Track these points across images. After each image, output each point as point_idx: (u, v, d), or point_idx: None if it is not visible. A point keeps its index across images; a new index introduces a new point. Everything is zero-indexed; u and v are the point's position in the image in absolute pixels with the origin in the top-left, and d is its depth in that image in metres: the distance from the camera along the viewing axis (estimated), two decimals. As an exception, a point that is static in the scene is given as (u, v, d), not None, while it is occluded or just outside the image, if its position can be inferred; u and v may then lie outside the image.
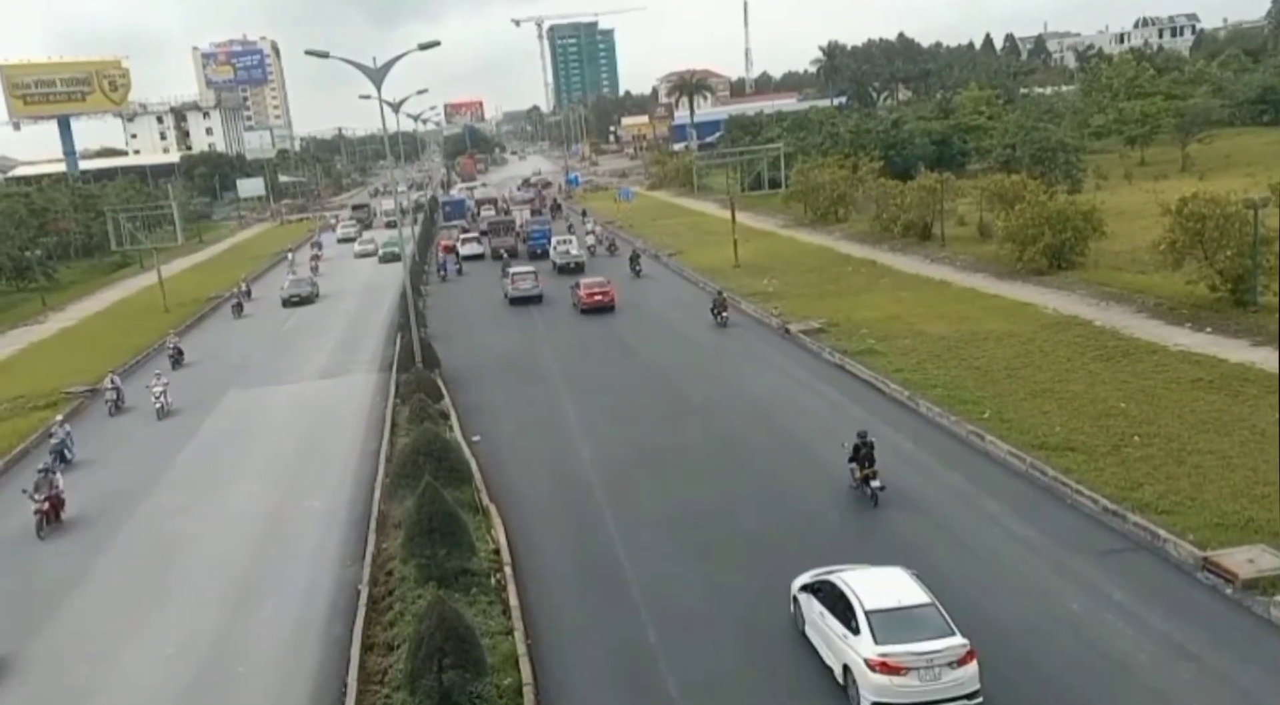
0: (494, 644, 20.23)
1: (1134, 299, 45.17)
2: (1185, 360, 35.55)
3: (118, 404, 44.25)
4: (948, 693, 17.22)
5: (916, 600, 18.29)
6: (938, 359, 38.88)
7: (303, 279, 73.16)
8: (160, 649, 22.79)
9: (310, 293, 70.06)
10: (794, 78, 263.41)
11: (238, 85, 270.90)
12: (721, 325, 49.57)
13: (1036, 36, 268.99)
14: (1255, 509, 23.33)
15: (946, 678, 17.21)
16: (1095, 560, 22.55)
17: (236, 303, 68.27)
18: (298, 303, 68.51)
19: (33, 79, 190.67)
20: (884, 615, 17.91)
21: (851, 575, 19.35)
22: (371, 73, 42.56)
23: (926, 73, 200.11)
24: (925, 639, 17.42)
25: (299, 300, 68.81)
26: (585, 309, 55.65)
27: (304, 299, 69.10)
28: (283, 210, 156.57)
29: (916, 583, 18.90)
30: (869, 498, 26.53)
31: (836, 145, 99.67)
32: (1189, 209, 42.30)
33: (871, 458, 26.70)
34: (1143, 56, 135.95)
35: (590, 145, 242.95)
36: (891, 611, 18.00)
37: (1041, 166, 77.37)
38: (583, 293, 56.14)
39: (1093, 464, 27.02)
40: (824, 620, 19.12)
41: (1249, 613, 20.01)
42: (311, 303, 68.93)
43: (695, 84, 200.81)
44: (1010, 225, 55.23)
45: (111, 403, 44.12)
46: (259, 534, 29.02)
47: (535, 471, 31.85)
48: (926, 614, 18.00)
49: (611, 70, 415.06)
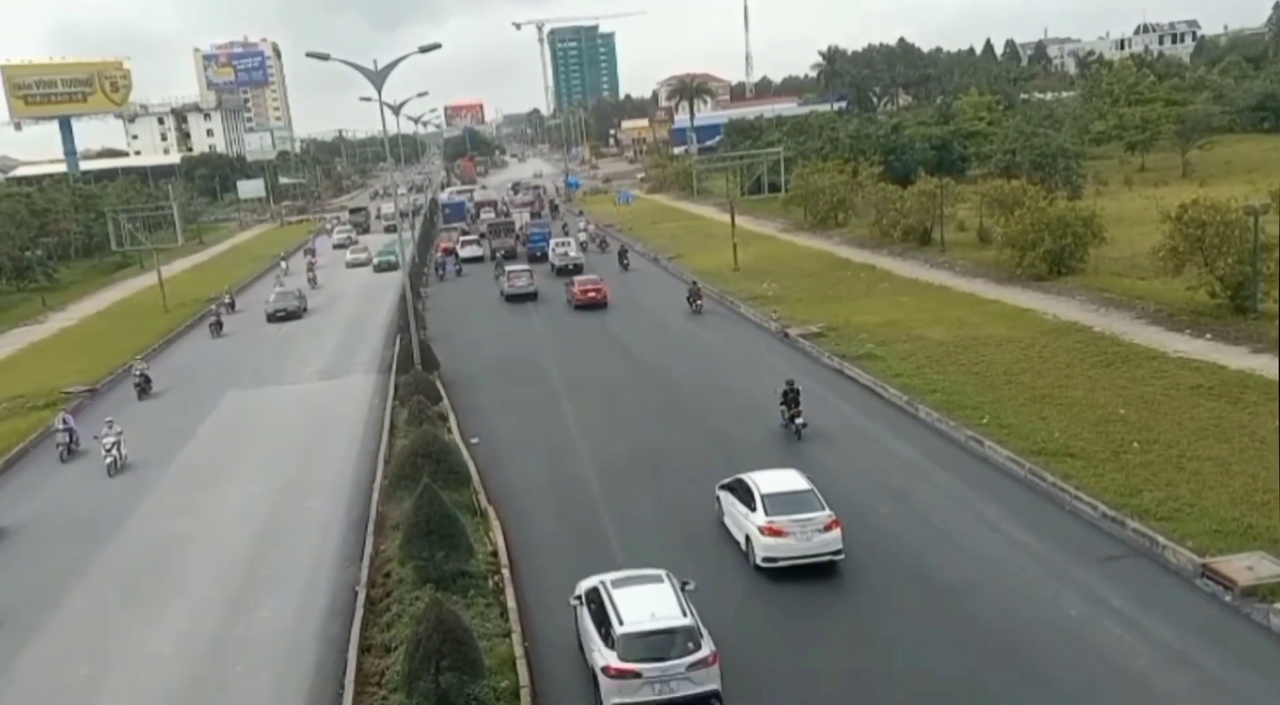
0: (491, 646, 20.22)
1: (1134, 305, 45.15)
2: (1185, 367, 35.54)
3: (70, 448, 37.53)
4: (817, 550, 23.22)
5: (800, 487, 24.26)
6: (937, 364, 38.87)
7: (289, 292, 66.96)
8: (159, 649, 22.78)
9: (296, 307, 64.46)
10: (794, 82, 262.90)
11: (239, 87, 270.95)
12: (697, 312, 54.06)
13: (1037, 42, 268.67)
14: (1255, 516, 23.32)
15: (816, 539, 23.25)
16: (1094, 566, 22.54)
17: (215, 320, 61.41)
18: (283, 318, 63.01)
19: (34, 79, 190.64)
20: (774, 497, 23.88)
21: (757, 474, 25.22)
22: (372, 75, 42.56)
23: (927, 78, 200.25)
24: (802, 512, 23.28)
25: (284, 315, 63.31)
26: (579, 305, 58.20)
27: (290, 314, 63.56)
28: (283, 212, 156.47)
29: (803, 478, 24.81)
30: (794, 433, 32.49)
31: (836, 150, 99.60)
32: (1189, 215, 42.28)
33: (797, 401, 32.81)
34: (1143, 62, 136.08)
35: (590, 148, 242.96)
36: (780, 494, 23.96)
37: (1042, 172, 77.30)
38: (576, 290, 58.89)
39: (1092, 470, 27.00)
40: (734, 507, 24.95)
41: (1248, 620, 19.99)
42: (299, 317, 63.71)
43: (695, 88, 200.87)
44: (1010, 230, 55.23)
45: (63, 447, 37.46)
46: (257, 534, 29.03)
47: (533, 474, 31.88)
48: (807, 497, 23.85)
49: (612, 73, 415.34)
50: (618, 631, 18.63)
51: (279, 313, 63.31)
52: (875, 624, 21.40)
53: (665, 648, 18.41)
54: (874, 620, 21.56)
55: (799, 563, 23.20)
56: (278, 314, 63.26)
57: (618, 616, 18.90)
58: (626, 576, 20.66)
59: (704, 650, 18.43)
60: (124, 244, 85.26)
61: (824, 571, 23.33)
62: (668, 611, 19.04)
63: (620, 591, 19.70)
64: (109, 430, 35.63)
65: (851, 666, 19.92)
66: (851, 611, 22.13)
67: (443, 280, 75.83)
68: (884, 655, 20.14)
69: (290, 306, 64.10)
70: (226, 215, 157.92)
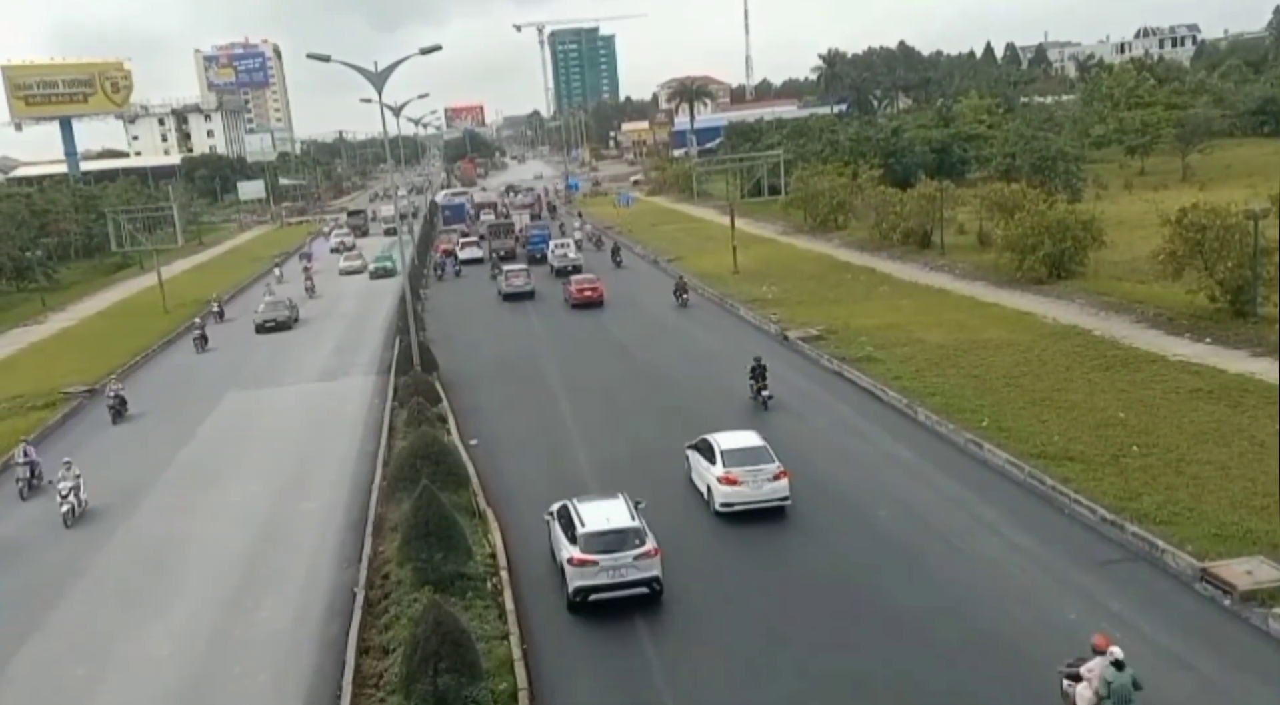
0: (489, 648, 20.19)
1: (1133, 309, 45.14)
2: (1185, 370, 35.52)
3: (30, 483, 34.20)
4: (767, 497, 26.90)
5: (754, 444, 27.88)
6: (936, 367, 38.85)
7: (279, 301, 63.52)
8: (156, 649, 22.78)
9: (287, 317, 61.24)
10: (794, 85, 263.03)
11: (239, 88, 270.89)
12: (683, 305, 57.31)
13: (1037, 45, 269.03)
14: (1254, 520, 23.29)
15: (766, 488, 26.87)
16: (1093, 570, 22.51)
17: (199, 333, 57.12)
18: (273, 328, 59.91)
19: (35, 80, 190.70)
20: (731, 452, 27.35)
21: (719, 434, 28.65)
22: (372, 77, 42.57)
23: (927, 81, 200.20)
24: (754, 465, 26.90)
25: (274, 326, 60.06)
26: (575, 304, 59.57)
27: (280, 324, 60.22)
28: (283, 213, 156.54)
29: (758, 437, 28.44)
30: (760, 404, 36.17)
31: (836, 152, 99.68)
32: (1189, 219, 42.30)
33: (764, 376, 36.64)
34: (1143, 66, 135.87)
35: (590, 150, 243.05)
36: (736, 450, 27.47)
37: (1041, 175, 77.28)
38: (573, 288, 60.38)
39: (1091, 474, 26.97)
40: (699, 463, 28.66)
41: (1247, 624, 19.97)
42: (289, 328, 60.60)
43: (695, 90, 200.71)
44: (1010, 234, 55.22)
45: (23, 482, 34.17)
46: (256, 535, 29.00)
47: (532, 475, 31.84)
48: (760, 452, 27.45)
49: (612, 76, 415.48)
50: (580, 532, 22.98)
51: (268, 323, 60.24)
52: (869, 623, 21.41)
53: (617, 543, 22.72)
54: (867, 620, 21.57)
55: (751, 508, 26.79)
56: (266, 325, 60.12)
57: (580, 521, 23.29)
58: (590, 496, 25.31)
59: (648, 545, 22.84)
60: (124, 244, 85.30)
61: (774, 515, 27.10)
62: (620, 518, 23.42)
63: (584, 505, 24.14)
64: (66, 473, 31.46)
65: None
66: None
67: (441, 280, 76.67)
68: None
69: (280, 317, 60.95)
70: (226, 216, 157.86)
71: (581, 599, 22.64)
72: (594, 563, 22.50)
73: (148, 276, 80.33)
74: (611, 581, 22.49)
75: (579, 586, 22.57)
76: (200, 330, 57.52)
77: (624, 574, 22.53)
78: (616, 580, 22.50)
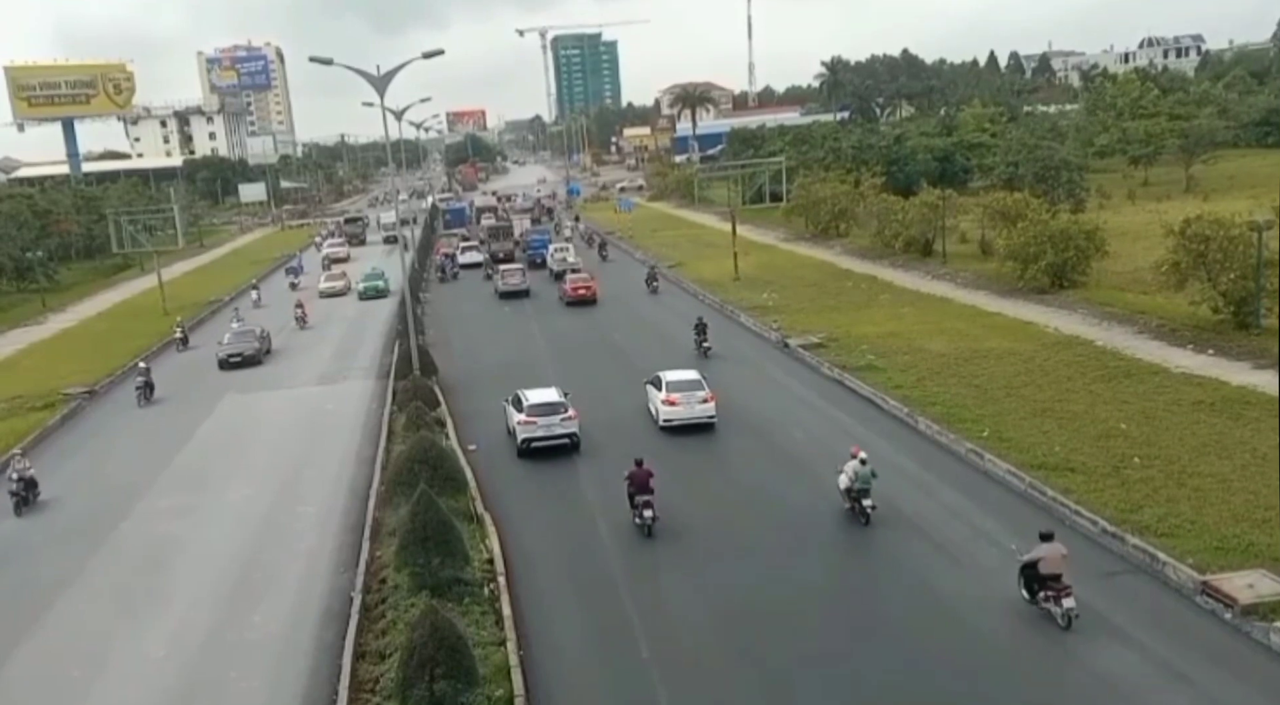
0: (486, 654, 20.10)
1: (1136, 319, 45.06)
2: (1187, 382, 35.44)
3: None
4: (698, 415, 34.92)
5: (692, 377, 36.30)
6: (937, 376, 38.76)
7: (247, 330, 54.89)
8: (151, 652, 22.69)
9: (256, 350, 52.37)
10: (797, 92, 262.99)
11: (241, 90, 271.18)
12: (654, 293, 64.39)
13: (1041, 55, 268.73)
14: (1256, 533, 23.18)
15: (698, 408, 34.96)
16: (1094, 582, 22.33)
17: (144, 382, 45.84)
18: (238, 363, 51.36)
19: (37, 81, 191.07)
20: (673, 382, 35.67)
21: (667, 371, 36.88)
22: (375, 80, 42.56)
23: (930, 89, 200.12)
24: (690, 391, 35.16)
25: (239, 361, 51.51)
26: (570, 302, 62.23)
27: (246, 359, 51.72)
28: (283, 215, 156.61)
29: (696, 373, 37.06)
30: (702, 354, 45.39)
31: (839, 160, 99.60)
32: (1192, 230, 42.25)
33: (705, 332, 46.67)
34: (1147, 77, 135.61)
35: (592, 155, 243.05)
36: (677, 381, 35.81)
37: (1044, 185, 77.25)
38: (568, 287, 63.35)
39: (1092, 485, 26.87)
40: (651, 392, 36.80)
41: (1248, 638, 19.84)
42: (258, 362, 52.05)
43: (698, 96, 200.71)
44: (1012, 243, 55.16)
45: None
46: (253, 538, 28.92)
47: (531, 480, 31.85)
48: (696, 382, 35.70)
49: (614, 81, 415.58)
50: (526, 403, 34.13)
51: (233, 358, 51.66)
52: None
53: (550, 411, 33.81)
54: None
55: (686, 423, 34.80)
56: (231, 359, 51.56)
57: (526, 399, 34.29)
58: (534, 390, 35.30)
59: (570, 412, 33.94)
60: (125, 246, 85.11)
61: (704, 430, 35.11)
62: (552, 397, 34.57)
63: (528, 391, 35.03)
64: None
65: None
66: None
67: (443, 282, 77.56)
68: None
69: (247, 350, 52.21)
70: (227, 219, 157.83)
71: (526, 447, 33.62)
72: (534, 423, 33.55)
73: (148, 278, 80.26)
74: (546, 435, 33.57)
75: (525, 438, 33.64)
76: (145, 377, 46.06)
77: (554, 429, 33.55)
78: (549, 434, 33.57)
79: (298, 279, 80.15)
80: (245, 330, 55.23)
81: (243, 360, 51.58)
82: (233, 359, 51.64)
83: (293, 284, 78.08)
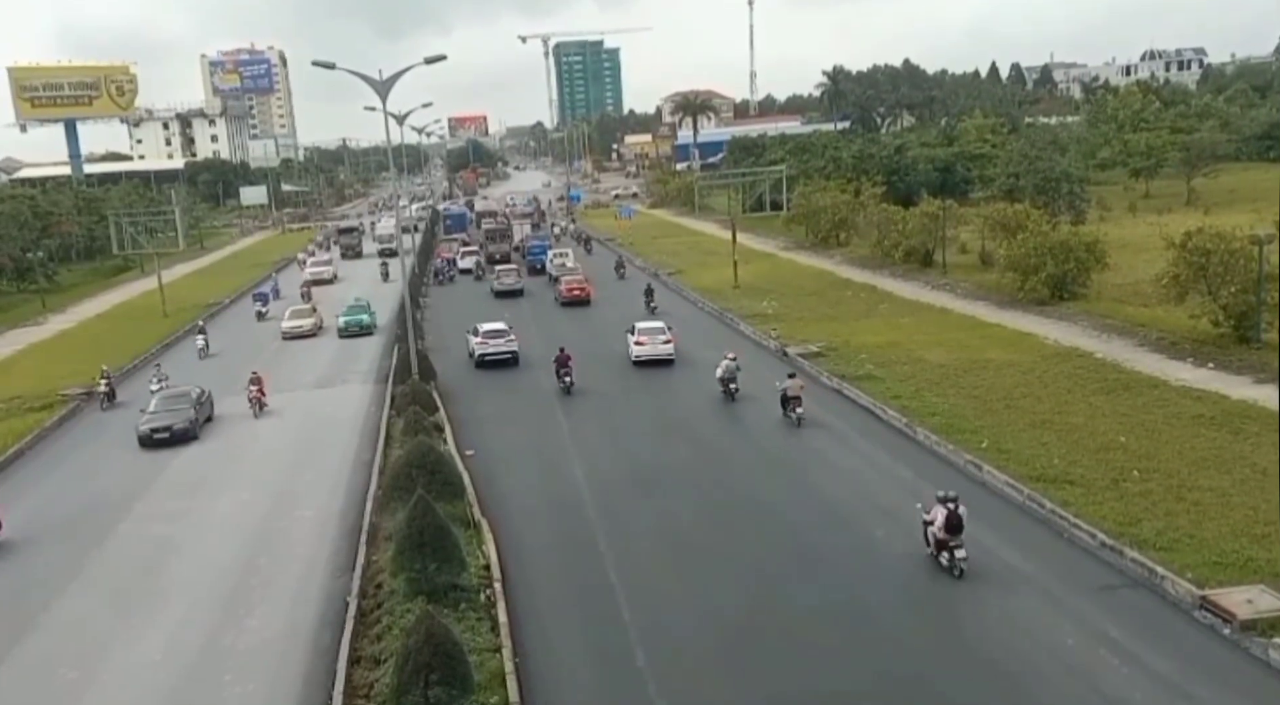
0: (481, 661, 20.01)
1: (1136, 332, 45.02)
2: (1187, 395, 35.36)
3: None
4: (661, 353, 45.72)
5: (658, 325, 47.91)
6: (936, 387, 38.69)
7: (178, 394, 41.69)
8: (147, 656, 22.60)
9: (190, 422, 39.55)
10: (798, 101, 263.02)
11: (244, 93, 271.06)
12: (621, 278, 73.72)
13: (1042, 66, 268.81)
14: (1255, 548, 23.09)
15: (661, 348, 45.75)
16: (1092, 595, 22.31)
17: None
18: (164, 440, 38.64)
19: (41, 82, 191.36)
20: (643, 328, 47.07)
21: (639, 323, 48.66)
22: (377, 85, 42.55)
23: (931, 99, 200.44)
24: (655, 335, 46.21)
25: (166, 437, 38.69)
26: (565, 302, 64.94)
27: (176, 435, 38.83)
28: (284, 219, 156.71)
29: (662, 322, 48.90)
30: (651, 310, 58.06)
31: (839, 169, 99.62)
32: (1193, 243, 42.23)
33: (653, 295, 60.55)
34: (1149, 89, 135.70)
35: (593, 162, 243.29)
36: (646, 328, 47.29)
37: (1045, 196, 77.26)
38: (563, 288, 66.16)
39: (1091, 498, 26.76)
40: (628, 338, 47.25)
41: (1246, 654, 19.74)
42: (193, 438, 39.28)
43: (699, 104, 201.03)
44: (1012, 254, 55.17)
45: None
46: (249, 542, 28.82)
47: (528, 486, 31.77)
48: (660, 328, 47.11)
49: (616, 88, 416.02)
50: (481, 329, 48.73)
51: (158, 434, 38.85)
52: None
53: (498, 335, 48.23)
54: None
55: (651, 359, 45.95)
56: (156, 435, 38.81)
57: (480, 328, 48.87)
58: (486, 323, 49.89)
59: (511, 335, 48.36)
60: (125, 247, 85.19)
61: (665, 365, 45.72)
62: (501, 326, 49.23)
63: (483, 324, 49.19)
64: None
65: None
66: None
67: (440, 285, 78.93)
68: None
69: (178, 422, 39.31)
70: (228, 221, 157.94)
71: (481, 360, 48.04)
72: (486, 343, 48.15)
73: (148, 280, 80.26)
74: (494, 351, 48.02)
75: (480, 354, 48.13)
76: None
77: (500, 347, 48.13)
78: (496, 351, 48.02)
79: (266, 307, 67.52)
80: (176, 393, 42.10)
81: (171, 436, 38.72)
82: (158, 435, 38.81)
83: (260, 313, 66.51)
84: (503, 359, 47.46)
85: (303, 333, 59.36)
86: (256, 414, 42.29)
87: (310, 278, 79.80)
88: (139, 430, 39.21)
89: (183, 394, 41.95)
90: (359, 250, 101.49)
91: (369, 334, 58.84)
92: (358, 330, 59.24)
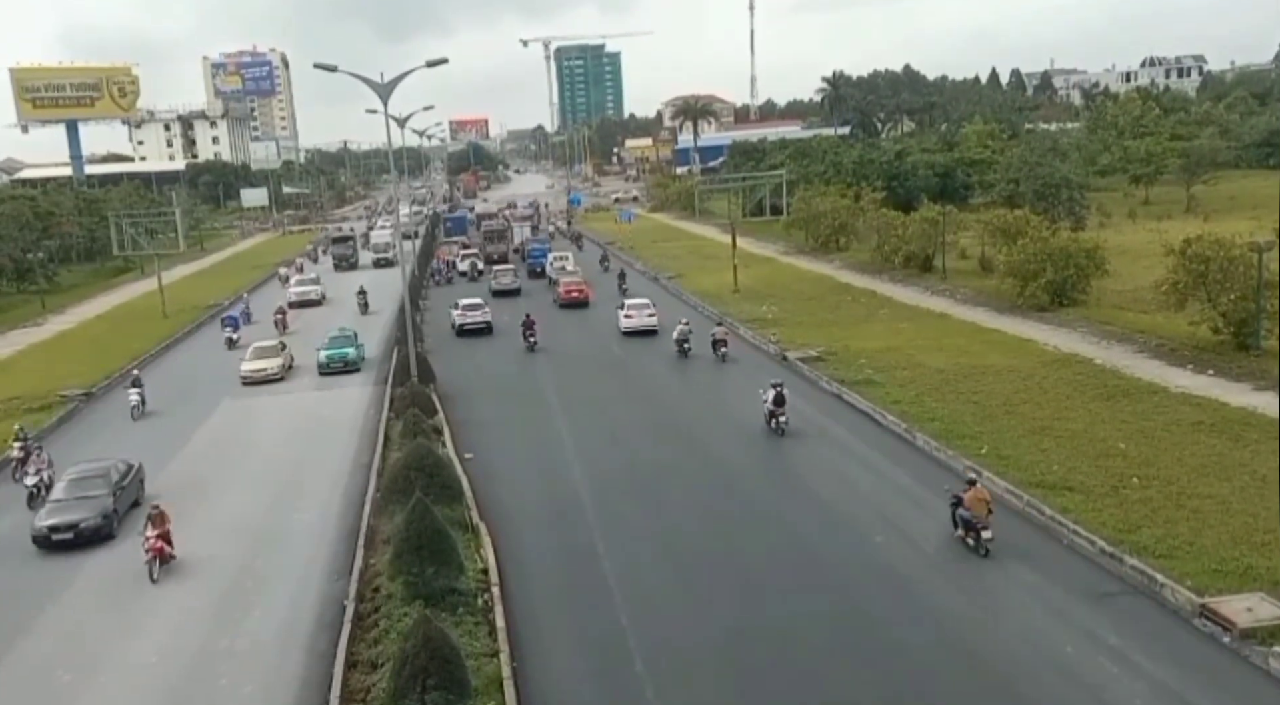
0: (479, 665, 19.96)
1: (1136, 339, 44.99)
2: (1186, 402, 35.32)
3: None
4: (646, 325, 53.84)
5: (644, 301, 56.15)
6: (936, 392, 38.65)
7: (91, 475, 30.72)
8: (142, 658, 22.55)
9: (98, 523, 29.01)
10: (798, 106, 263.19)
11: (246, 95, 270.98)
12: (605, 270, 78.93)
13: (1043, 72, 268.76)
14: (1254, 556, 23.04)
15: (645, 320, 54.00)
16: (1091, 603, 22.26)
17: None
18: (71, 540, 28.60)
19: (43, 83, 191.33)
20: (630, 304, 55.72)
21: (628, 298, 58.32)
22: (378, 87, 42.51)
23: (931, 105, 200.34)
24: (641, 309, 54.68)
25: (71, 537, 28.61)
26: (564, 304, 66.07)
27: (83, 536, 28.68)
28: (285, 221, 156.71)
29: (648, 300, 57.03)
30: (621, 292, 64.89)
31: (839, 174, 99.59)
32: (1193, 250, 42.24)
33: (625, 279, 69.07)
34: (1149, 96, 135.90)
35: (593, 166, 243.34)
36: (633, 303, 55.71)
37: (1045, 202, 77.34)
38: (562, 289, 67.30)
39: (1090, 504, 26.72)
40: (618, 312, 55.25)
41: (1246, 662, 19.68)
42: (105, 538, 29.10)
43: (700, 108, 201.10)
44: (1012, 260, 55.16)
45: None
46: (246, 544, 28.73)
47: (527, 490, 31.70)
48: (646, 304, 55.35)
49: (617, 92, 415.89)
50: (459, 303, 59.01)
51: (57, 533, 28.71)
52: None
53: (475, 308, 58.23)
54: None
55: (637, 330, 53.33)
56: (56, 535, 28.71)
57: (460, 301, 59.29)
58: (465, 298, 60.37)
59: (486, 307, 58.49)
60: (126, 248, 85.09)
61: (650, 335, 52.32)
62: (477, 301, 59.06)
63: (462, 299, 59.34)
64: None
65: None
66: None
67: (438, 286, 79.73)
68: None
69: (87, 519, 28.99)
70: (229, 223, 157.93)
71: (460, 329, 56.71)
72: (465, 314, 57.17)
73: (148, 281, 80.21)
74: (472, 322, 57.06)
75: (460, 324, 57.12)
76: None
77: (478, 318, 57.16)
78: (474, 321, 57.06)
79: (238, 333, 58.56)
80: (87, 475, 30.86)
81: (76, 537, 28.65)
82: (57, 535, 28.67)
83: (231, 340, 57.57)
84: (479, 328, 57.24)
85: (267, 377, 48.39)
86: (154, 574, 26.44)
87: (295, 298, 70.57)
88: (34, 528, 28.96)
89: (100, 474, 30.83)
90: (354, 262, 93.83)
91: (355, 371, 49.34)
92: (341, 367, 49.40)
